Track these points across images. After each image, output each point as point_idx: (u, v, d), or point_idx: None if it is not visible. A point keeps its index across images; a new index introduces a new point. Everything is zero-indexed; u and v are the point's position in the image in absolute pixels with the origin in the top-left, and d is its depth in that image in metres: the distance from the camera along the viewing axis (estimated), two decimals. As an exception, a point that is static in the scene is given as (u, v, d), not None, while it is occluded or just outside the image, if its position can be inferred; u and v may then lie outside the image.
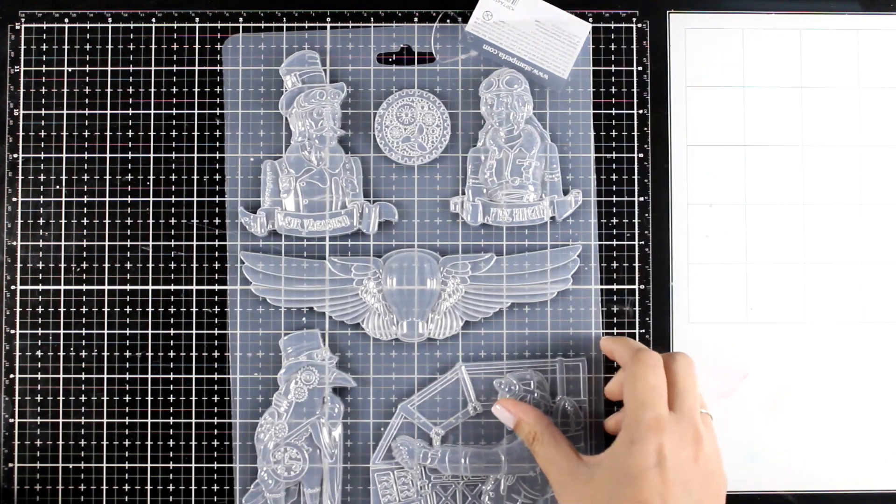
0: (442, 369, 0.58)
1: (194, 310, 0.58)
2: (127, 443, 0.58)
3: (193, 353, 0.58)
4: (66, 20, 0.59)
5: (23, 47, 0.59)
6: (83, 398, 0.58)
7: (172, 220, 0.59)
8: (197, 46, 0.59)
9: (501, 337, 0.58)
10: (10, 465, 0.58)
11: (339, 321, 0.58)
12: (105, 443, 0.58)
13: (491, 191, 0.58)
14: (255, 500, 0.57)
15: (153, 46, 0.59)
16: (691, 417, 0.49)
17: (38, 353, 0.58)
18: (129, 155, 0.59)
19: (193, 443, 0.58)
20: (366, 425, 0.58)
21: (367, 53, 0.59)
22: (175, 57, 0.59)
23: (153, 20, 0.59)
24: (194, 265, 0.58)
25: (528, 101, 0.58)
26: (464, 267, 0.57)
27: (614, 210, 0.59)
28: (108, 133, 0.59)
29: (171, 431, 0.58)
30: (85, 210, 0.59)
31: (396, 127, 0.58)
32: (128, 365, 0.58)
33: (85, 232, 0.59)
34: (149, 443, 0.58)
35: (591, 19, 0.59)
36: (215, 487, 0.58)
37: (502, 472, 0.56)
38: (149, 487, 0.58)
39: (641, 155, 0.59)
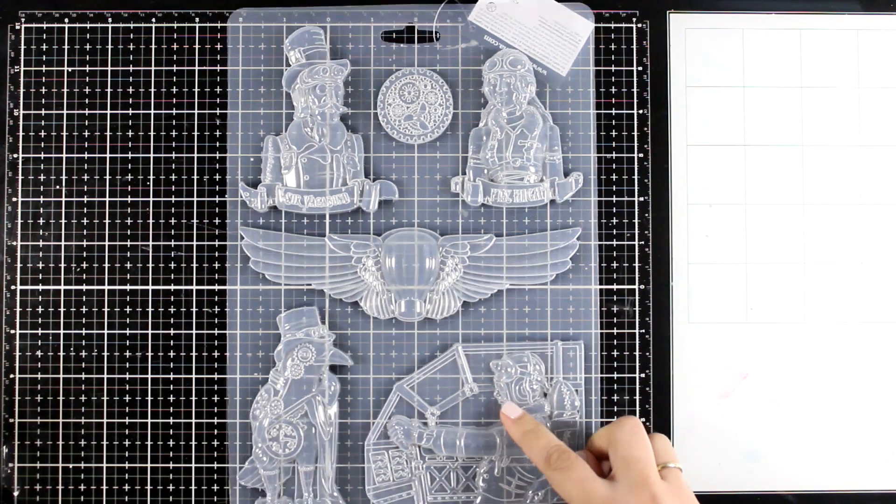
0: (440, 349, 0.58)
1: (194, 310, 0.58)
2: (127, 443, 0.58)
3: (193, 353, 0.58)
4: (66, 20, 0.59)
5: (23, 47, 0.59)
6: (83, 398, 0.58)
7: (172, 220, 0.59)
8: (197, 46, 0.59)
9: (499, 319, 0.58)
10: (11, 465, 0.58)
11: (337, 299, 0.58)
12: (105, 443, 0.58)
13: (492, 171, 0.58)
14: (249, 476, 0.57)
15: (153, 46, 0.59)
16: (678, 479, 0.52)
17: (38, 353, 0.58)
18: (129, 155, 0.59)
19: (193, 443, 0.58)
20: (362, 404, 0.58)
21: (371, 32, 0.59)
22: (175, 57, 0.59)
23: (153, 20, 0.59)
24: (194, 265, 0.58)
25: (531, 82, 0.58)
26: (463, 247, 0.57)
27: (614, 210, 0.59)
28: (108, 133, 0.59)
29: (171, 431, 0.58)
30: (85, 210, 0.59)
31: (399, 105, 0.58)
32: (128, 365, 0.58)
33: (85, 232, 0.59)
34: (149, 443, 0.58)
35: (590, 19, 0.59)
36: (215, 487, 0.58)
37: (497, 454, 0.56)
38: (149, 487, 0.58)
39: (641, 155, 0.59)
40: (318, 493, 0.56)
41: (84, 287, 0.58)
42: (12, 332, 0.58)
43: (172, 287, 0.58)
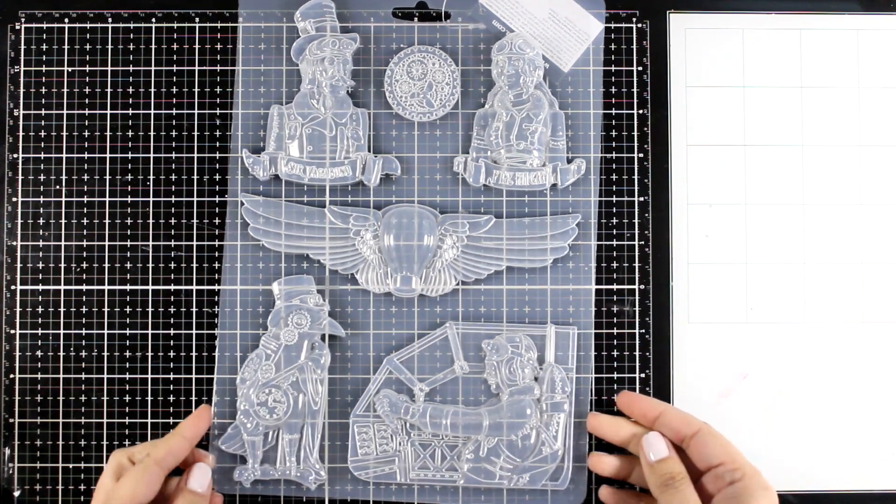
0: (433, 326, 0.58)
1: (194, 310, 0.58)
2: (127, 443, 0.58)
3: (193, 353, 0.58)
4: (66, 20, 0.59)
5: (23, 47, 0.59)
6: (83, 398, 0.58)
7: (172, 220, 0.59)
8: (197, 46, 0.59)
9: (494, 299, 0.58)
10: (11, 465, 0.58)
11: (334, 270, 0.58)
12: (105, 443, 0.58)
13: (495, 153, 0.58)
14: (230, 442, 0.57)
15: (153, 46, 0.59)
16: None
17: (38, 353, 0.58)
18: (129, 155, 0.59)
19: (193, 443, 0.58)
20: (352, 376, 0.58)
21: (383, 7, 0.59)
22: (175, 57, 0.59)
23: (153, 20, 0.59)
24: (194, 265, 0.58)
25: (539, 66, 0.58)
26: (462, 226, 0.58)
27: (614, 210, 0.59)
28: (108, 133, 0.59)
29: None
30: (85, 210, 0.59)
31: (406, 82, 0.58)
32: (128, 365, 0.58)
33: (85, 232, 0.59)
34: (149, 443, 0.58)
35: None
36: (215, 487, 0.57)
37: (483, 435, 0.56)
38: (149, 487, 0.58)
39: (641, 155, 0.59)
40: (301, 462, 0.56)
41: (84, 287, 0.58)
42: (12, 332, 0.58)
43: (172, 287, 0.58)
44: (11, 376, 0.58)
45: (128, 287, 0.58)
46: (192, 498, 0.52)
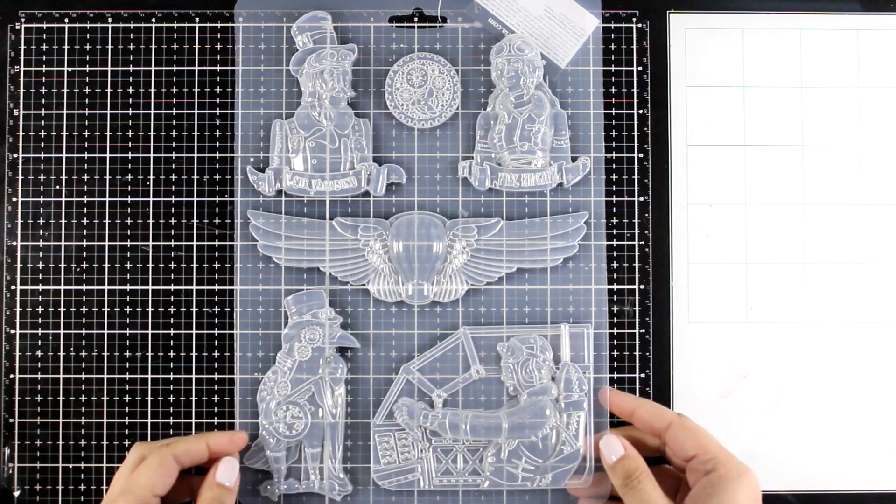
0: (446, 332, 0.58)
1: (195, 310, 0.58)
2: (127, 443, 0.58)
3: (194, 353, 0.58)
4: (66, 20, 0.59)
5: (23, 47, 0.59)
6: (83, 398, 0.58)
7: (172, 220, 0.59)
8: (197, 46, 0.59)
9: (506, 302, 0.58)
10: (11, 465, 0.58)
11: (344, 282, 0.58)
12: (105, 443, 0.58)
13: (499, 155, 0.58)
14: (255, 458, 0.57)
15: (153, 46, 0.59)
16: None
17: (38, 353, 0.58)
18: (129, 155, 0.59)
19: (193, 443, 0.58)
20: (368, 387, 0.58)
21: (380, 15, 0.59)
22: (175, 57, 0.59)
23: (153, 20, 0.59)
24: (194, 265, 0.58)
25: (539, 67, 0.58)
26: (470, 231, 0.58)
27: (614, 210, 0.59)
28: (108, 133, 0.59)
29: (172, 432, 0.58)
30: (85, 210, 0.59)
31: (406, 89, 0.58)
32: (128, 365, 0.58)
33: (85, 232, 0.59)
34: (149, 443, 0.58)
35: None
36: (215, 487, 0.58)
37: (503, 437, 0.56)
38: (149, 487, 0.58)
39: (641, 155, 0.59)
40: (324, 475, 0.56)
41: (84, 287, 0.58)
42: (12, 332, 0.58)
43: (172, 287, 0.58)
44: (11, 376, 0.58)
45: (128, 287, 0.58)
46: (220, 491, 0.52)
